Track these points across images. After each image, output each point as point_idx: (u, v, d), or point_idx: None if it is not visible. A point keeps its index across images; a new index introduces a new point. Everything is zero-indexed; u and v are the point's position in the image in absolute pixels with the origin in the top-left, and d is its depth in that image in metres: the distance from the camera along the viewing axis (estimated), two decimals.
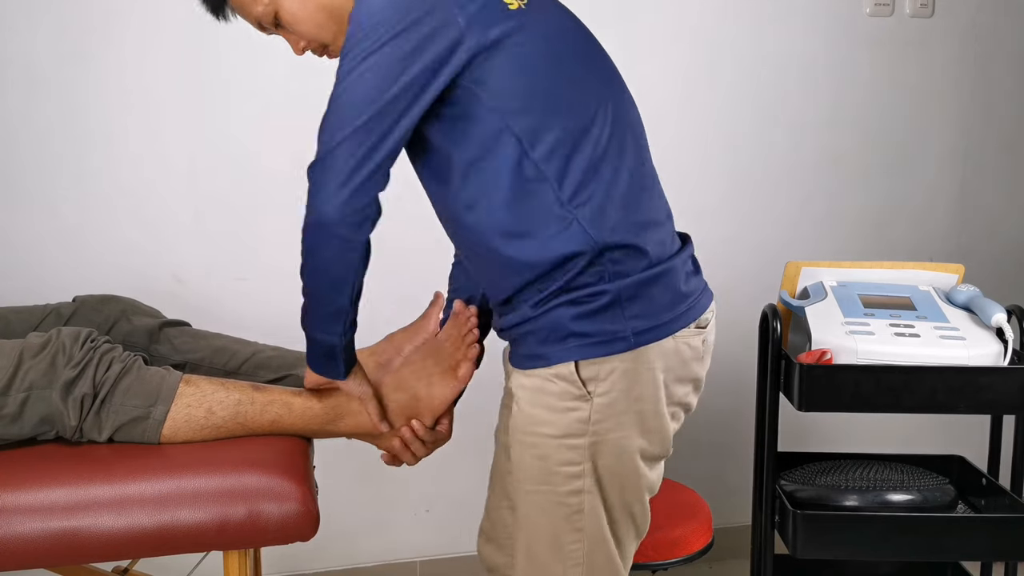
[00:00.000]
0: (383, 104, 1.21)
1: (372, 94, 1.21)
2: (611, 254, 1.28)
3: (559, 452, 1.32)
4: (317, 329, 1.35)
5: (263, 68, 2.19)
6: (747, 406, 1.92)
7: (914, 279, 1.87)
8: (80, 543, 1.25)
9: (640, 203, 1.33)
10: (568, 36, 1.35)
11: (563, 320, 1.29)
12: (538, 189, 1.27)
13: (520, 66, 1.26)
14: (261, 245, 2.26)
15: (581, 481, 1.33)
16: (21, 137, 2.12)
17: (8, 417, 1.32)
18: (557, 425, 1.32)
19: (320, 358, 1.38)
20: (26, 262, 2.15)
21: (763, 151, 2.53)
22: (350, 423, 1.46)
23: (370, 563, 2.45)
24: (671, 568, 1.91)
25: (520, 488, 1.38)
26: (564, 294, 1.29)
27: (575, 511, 1.35)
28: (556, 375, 1.31)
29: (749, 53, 2.48)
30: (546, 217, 1.27)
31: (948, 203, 2.67)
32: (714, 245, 2.54)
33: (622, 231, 1.29)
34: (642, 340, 1.30)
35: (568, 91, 1.30)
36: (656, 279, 1.31)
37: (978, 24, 2.60)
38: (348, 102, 1.22)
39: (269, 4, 1.35)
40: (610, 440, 1.32)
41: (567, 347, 1.30)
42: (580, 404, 1.31)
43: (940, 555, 1.85)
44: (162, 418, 1.36)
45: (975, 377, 1.66)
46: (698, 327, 1.38)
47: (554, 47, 1.30)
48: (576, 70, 1.32)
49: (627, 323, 1.29)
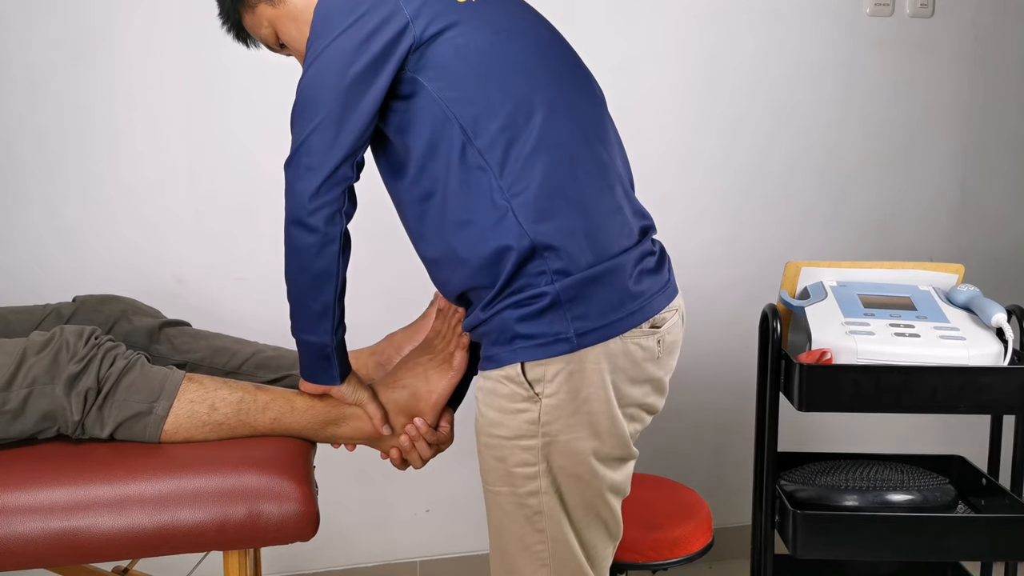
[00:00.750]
0: (340, 93, 1.26)
1: (329, 84, 1.26)
2: (548, 252, 1.28)
3: (514, 453, 1.33)
4: (306, 331, 1.35)
5: (263, 68, 2.19)
6: (747, 406, 1.92)
7: (914, 279, 1.87)
8: (80, 543, 1.25)
9: (584, 197, 1.31)
10: (519, 29, 1.36)
11: (509, 322, 1.30)
12: (481, 178, 1.29)
13: (462, 56, 1.29)
14: (261, 245, 2.26)
15: (538, 482, 1.34)
16: (21, 137, 2.12)
17: (10, 413, 1.33)
18: (509, 427, 1.33)
19: (313, 362, 1.38)
20: (26, 262, 2.15)
21: (763, 151, 2.53)
22: (352, 426, 1.46)
23: (370, 563, 2.46)
24: (671, 568, 1.91)
25: (486, 489, 1.40)
26: (509, 296, 1.30)
27: (535, 512, 1.35)
28: (505, 377, 1.32)
29: (749, 53, 2.48)
30: (486, 206, 1.29)
31: (948, 203, 2.67)
32: (714, 245, 2.56)
33: (559, 226, 1.29)
34: (585, 341, 1.29)
35: (513, 82, 1.31)
36: (599, 278, 1.30)
37: (978, 24, 2.60)
38: (310, 96, 1.29)
39: (268, 26, 1.41)
40: (561, 441, 1.32)
41: (513, 349, 1.30)
42: (529, 405, 1.31)
43: (940, 555, 1.85)
44: (164, 414, 1.36)
45: (975, 377, 1.66)
46: (653, 326, 1.35)
47: (502, 40, 1.33)
48: (525, 62, 1.34)
49: (570, 324, 1.29)
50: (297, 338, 1.37)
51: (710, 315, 2.46)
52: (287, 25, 1.39)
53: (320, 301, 1.32)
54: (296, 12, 1.37)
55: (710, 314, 2.46)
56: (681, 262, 1.57)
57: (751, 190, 2.54)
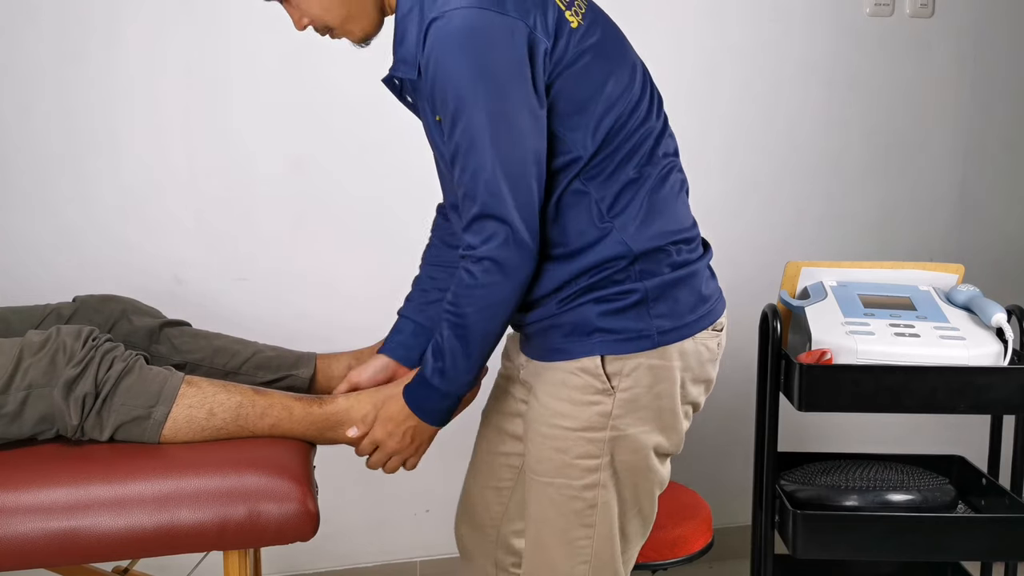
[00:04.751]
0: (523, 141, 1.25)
1: (509, 141, 1.24)
2: (644, 257, 1.33)
3: (579, 445, 1.35)
4: (473, 372, 1.36)
5: (264, 68, 2.19)
6: (747, 406, 1.92)
7: (914, 279, 1.87)
8: (80, 543, 1.25)
9: (670, 209, 1.37)
10: (616, 45, 1.38)
11: (589, 316, 1.33)
12: (580, 201, 1.31)
13: (582, 86, 1.30)
14: (261, 245, 2.26)
15: (598, 475, 1.36)
16: (21, 137, 2.12)
17: (8, 416, 1.32)
18: (579, 418, 1.35)
19: (449, 407, 1.39)
20: (26, 262, 2.15)
21: (763, 151, 2.53)
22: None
23: (370, 563, 2.46)
24: (671, 568, 1.91)
25: (534, 480, 1.40)
26: (591, 292, 1.33)
27: (589, 505, 1.37)
28: (581, 369, 1.34)
29: (749, 53, 2.48)
30: (587, 228, 1.32)
31: (948, 203, 2.67)
32: (714, 245, 2.55)
33: (655, 237, 1.34)
34: (665, 339, 1.34)
35: (616, 100, 1.33)
36: (681, 281, 1.35)
37: (978, 24, 2.60)
38: (498, 161, 1.24)
39: None
40: (629, 435, 1.36)
41: (592, 342, 1.33)
42: (603, 398, 1.34)
43: (940, 555, 1.85)
44: (163, 419, 1.35)
45: (975, 377, 1.66)
46: (715, 330, 1.41)
47: (608, 63, 1.34)
48: (623, 78, 1.35)
49: (652, 322, 1.33)
50: (457, 382, 1.36)
51: None
52: None
53: (499, 335, 1.35)
54: None
55: None
56: None
57: (751, 190, 2.54)
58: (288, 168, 2.26)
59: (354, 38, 1.39)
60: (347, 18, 1.34)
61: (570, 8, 1.30)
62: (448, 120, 1.25)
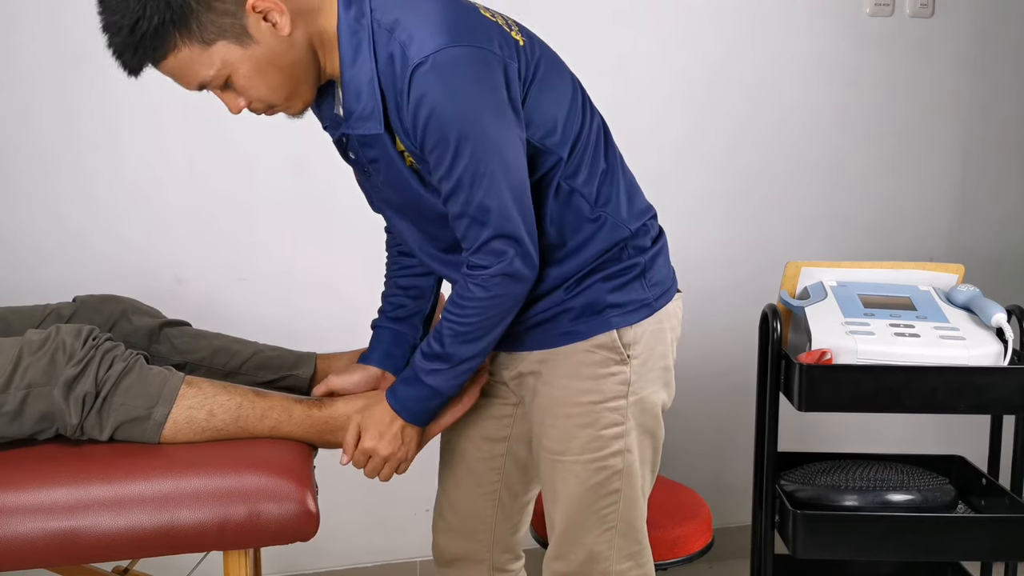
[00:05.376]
0: (518, 163, 1.31)
1: (510, 165, 1.30)
2: (635, 234, 1.43)
3: (604, 416, 1.43)
4: (468, 373, 1.41)
5: None
6: (747, 406, 1.92)
7: (914, 279, 1.86)
8: (80, 543, 1.26)
9: (637, 190, 1.49)
10: (548, 51, 1.43)
11: (600, 295, 1.42)
12: (570, 200, 1.39)
13: (546, 95, 1.36)
14: (261, 245, 2.26)
15: (623, 441, 1.44)
16: (21, 137, 2.12)
17: (8, 415, 1.32)
18: (602, 391, 1.43)
19: (436, 408, 1.45)
20: (26, 262, 2.15)
21: (763, 151, 2.53)
22: None
23: (370, 563, 2.46)
24: (671, 568, 1.91)
25: (559, 461, 1.45)
26: (598, 272, 1.42)
27: (614, 472, 1.45)
28: (597, 345, 1.42)
29: (749, 53, 2.48)
30: (581, 223, 1.40)
31: (948, 203, 2.67)
32: (714, 245, 2.55)
33: (639, 215, 1.45)
34: (659, 304, 1.46)
35: (570, 100, 1.40)
36: (661, 251, 1.49)
37: (978, 24, 2.60)
38: (505, 185, 1.29)
39: (222, 69, 1.28)
40: (644, 397, 1.46)
41: (605, 318, 1.42)
42: (621, 368, 1.43)
43: (940, 555, 1.85)
44: (163, 420, 1.35)
45: (975, 377, 1.66)
46: (678, 291, 1.54)
47: (555, 69, 1.40)
48: (565, 78, 1.42)
49: (649, 291, 1.45)
50: (451, 384, 1.41)
51: (710, 315, 2.46)
52: (250, 68, 1.29)
53: (496, 338, 1.40)
54: (272, 55, 1.28)
55: (710, 314, 2.46)
56: (681, 262, 1.58)
57: (751, 190, 2.54)
58: (289, 168, 2.26)
59: (294, 111, 1.39)
60: (291, 94, 1.34)
61: (510, 28, 1.35)
62: (448, 157, 1.27)
